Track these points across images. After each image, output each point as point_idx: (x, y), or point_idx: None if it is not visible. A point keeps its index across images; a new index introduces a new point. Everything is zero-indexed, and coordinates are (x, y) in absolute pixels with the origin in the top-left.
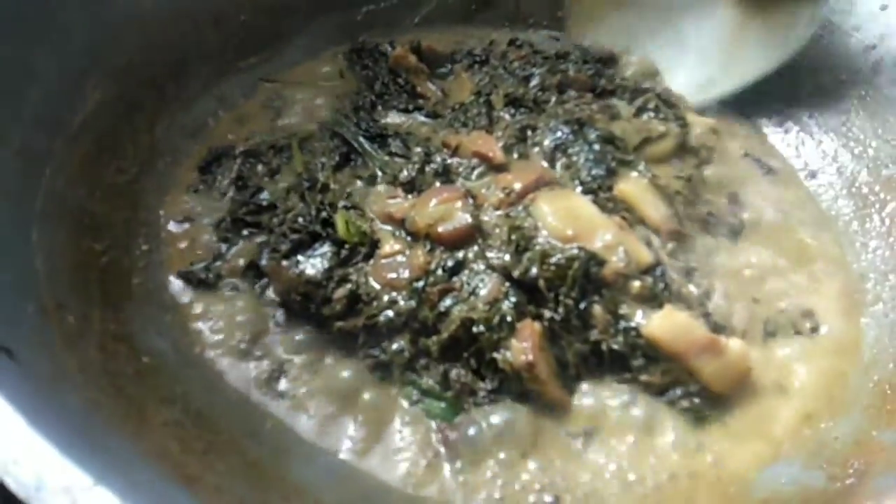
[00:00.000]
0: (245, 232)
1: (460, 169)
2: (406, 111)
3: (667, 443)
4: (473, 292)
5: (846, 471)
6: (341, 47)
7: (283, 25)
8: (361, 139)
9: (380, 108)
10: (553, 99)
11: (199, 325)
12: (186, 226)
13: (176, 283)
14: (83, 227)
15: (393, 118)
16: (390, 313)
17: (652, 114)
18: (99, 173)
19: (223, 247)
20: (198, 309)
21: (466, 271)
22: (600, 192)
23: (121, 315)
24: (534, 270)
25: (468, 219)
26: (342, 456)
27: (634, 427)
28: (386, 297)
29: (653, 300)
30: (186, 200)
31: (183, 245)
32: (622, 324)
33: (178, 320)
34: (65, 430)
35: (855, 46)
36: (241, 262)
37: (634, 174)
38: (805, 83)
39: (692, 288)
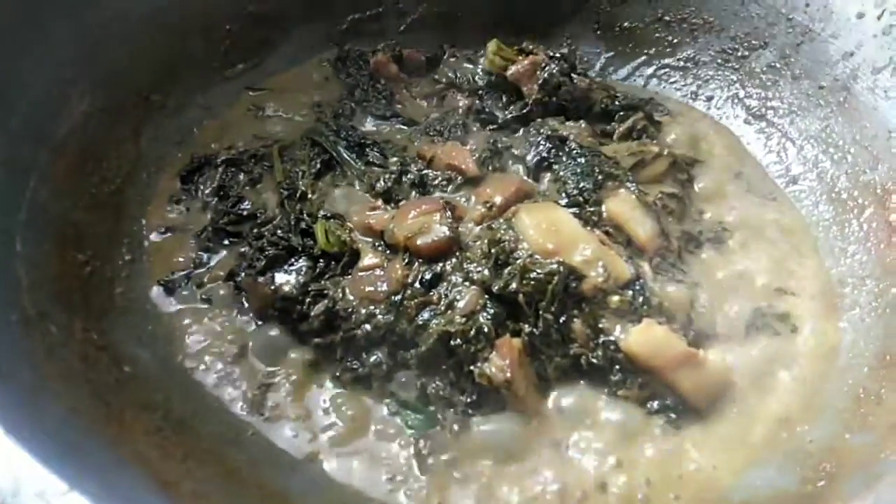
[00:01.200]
0: (226, 241)
1: (436, 181)
2: (384, 118)
3: (645, 450)
4: (451, 305)
5: (818, 473)
6: (327, 55)
7: (269, 34)
8: (340, 148)
9: (359, 114)
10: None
11: (181, 334)
12: (169, 235)
13: (157, 293)
14: (67, 237)
15: (371, 125)
16: (368, 327)
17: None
18: (83, 183)
19: (205, 256)
20: (179, 318)
21: (444, 284)
22: (587, 205)
23: (103, 324)
24: (513, 285)
25: (446, 231)
26: (321, 464)
27: (613, 434)
28: (364, 311)
29: (632, 314)
30: (169, 210)
31: (165, 255)
32: (601, 338)
33: (160, 329)
34: (43, 437)
35: (834, 54)
36: (222, 273)
37: (623, 191)
38: (785, 89)
39: (675, 299)
